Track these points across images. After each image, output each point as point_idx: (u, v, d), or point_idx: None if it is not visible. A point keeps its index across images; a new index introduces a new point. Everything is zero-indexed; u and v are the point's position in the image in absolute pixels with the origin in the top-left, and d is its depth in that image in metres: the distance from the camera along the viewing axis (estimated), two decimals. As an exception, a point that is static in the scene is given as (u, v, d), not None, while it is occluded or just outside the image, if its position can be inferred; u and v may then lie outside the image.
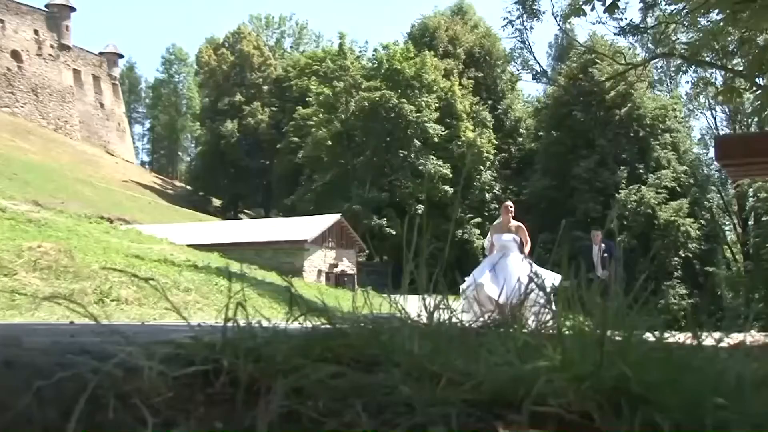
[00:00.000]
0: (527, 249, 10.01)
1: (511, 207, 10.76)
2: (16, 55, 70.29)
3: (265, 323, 1.28)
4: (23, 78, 70.61)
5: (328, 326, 1.33)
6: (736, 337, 1.38)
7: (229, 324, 1.25)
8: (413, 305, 1.55)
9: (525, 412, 0.95)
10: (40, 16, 73.88)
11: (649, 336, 1.22)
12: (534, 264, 9.38)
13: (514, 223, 10.43)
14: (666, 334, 1.26)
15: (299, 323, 1.37)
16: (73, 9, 76.85)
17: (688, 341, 1.29)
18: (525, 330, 1.40)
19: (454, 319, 1.40)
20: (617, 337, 1.15)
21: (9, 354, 1.00)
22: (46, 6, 74.88)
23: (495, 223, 10.94)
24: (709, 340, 1.33)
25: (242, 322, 1.27)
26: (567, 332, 1.14)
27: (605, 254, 13.21)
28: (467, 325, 1.48)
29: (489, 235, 10.71)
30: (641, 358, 1.04)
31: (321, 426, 1.00)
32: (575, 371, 0.99)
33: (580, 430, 0.96)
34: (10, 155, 54.01)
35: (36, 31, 72.81)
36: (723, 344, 1.32)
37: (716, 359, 1.16)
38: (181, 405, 1.03)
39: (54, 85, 73.61)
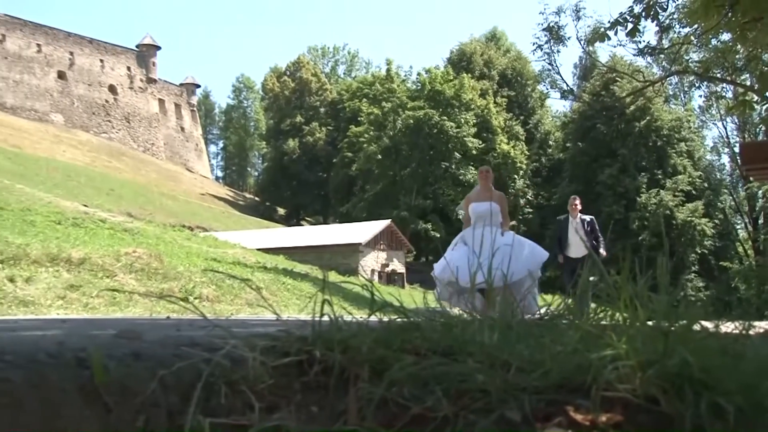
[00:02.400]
0: (506, 224, 7.87)
1: (488, 172, 8.27)
2: (112, 88, 72.27)
3: (347, 318, 1.28)
4: (118, 108, 72.45)
5: (403, 320, 1.31)
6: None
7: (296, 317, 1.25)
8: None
9: (596, 398, 0.92)
10: (132, 55, 75.79)
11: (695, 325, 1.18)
12: (515, 235, 7.30)
13: (495, 191, 8.09)
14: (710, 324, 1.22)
15: (376, 317, 1.36)
16: (158, 47, 78.62)
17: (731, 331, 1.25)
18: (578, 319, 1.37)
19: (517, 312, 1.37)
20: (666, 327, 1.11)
21: (135, 347, 1.00)
22: (137, 46, 76.78)
23: (472, 192, 8.37)
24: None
25: (324, 318, 1.26)
26: (628, 322, 1.11)
27: (588, 228, 10.24)
28: (527, 317, 1.45)
29: (462, 204, 8.22)
30: (700, 346, 1.01)
31: (406, 410, 0.99)
32: (640, 359, 0.95)
33: (647, 414, 0.93)
34: (108, 174, 55.43)
35: (128, 68, 74.73)
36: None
37: (766, 346, 1.12)
38: (281, 392, 1.03)
39: (143, 113, 75.33)
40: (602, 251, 9.92)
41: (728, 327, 1.26)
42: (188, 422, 0.89)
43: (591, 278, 1.45)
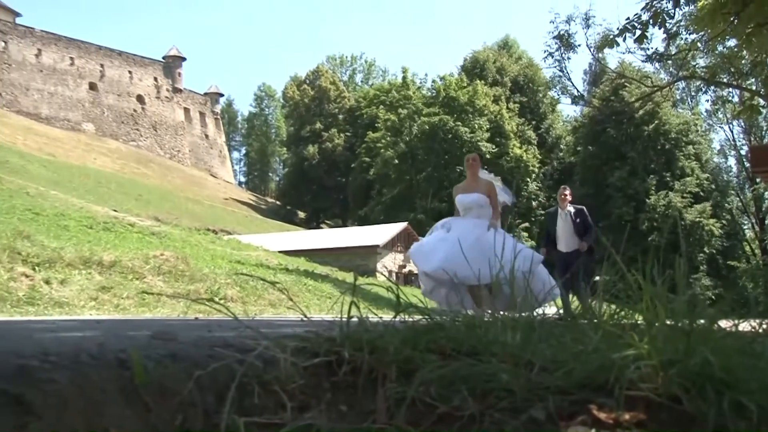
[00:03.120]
0: (496, 214, 6.78)
1: (474, 160, 7.19)
2: (140, 98, 72.90)
3: (373, 319, 1.27)
4: (145, 117, 73.06)
5: (427, 321, 1.30)
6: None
7: (320, 317, 1.25)
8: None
9: (620, 397, 0.91)
10: (159, 66, 76.40)
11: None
12: (506, 234, 6.21)
13: (484, 179, 7.02)
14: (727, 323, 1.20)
15: (401, 318, 1.35)
16: (184, 59, 79.13)
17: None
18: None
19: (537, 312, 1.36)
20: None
21: (171, 348, 1.01)
22: (163, 57, 77.36)
23: (462, 182, 7.32)
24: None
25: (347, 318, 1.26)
26: (651, 322, 1.09)
27: (578, 220, 9.02)
28: (545, 316, 1.44)
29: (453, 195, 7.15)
30: (720, 346, 0.99)
31: (433, 409, 0.98)
32: (662, 358, 0.94)
33: (669, 412, 0.91)
34: (136, 180, 55.87)
35: (155, 79, 75.32)
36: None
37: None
38: (311, 391, 1.03)
39: (169, 121, 75.88)
40: (584, 243, 8.88)
41: (740, 326, 1.24)
42: (224, 421, 0.89)
43: (604, 278, 1.44)
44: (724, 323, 1.17)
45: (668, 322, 1.09)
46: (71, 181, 41.07)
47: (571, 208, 9.19)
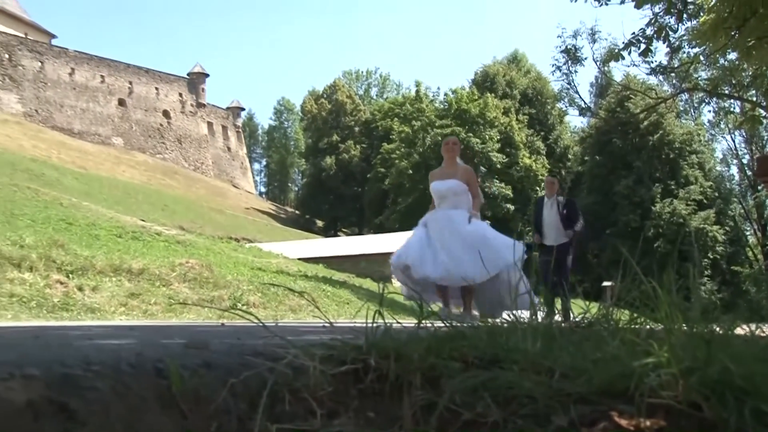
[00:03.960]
0: (477, 204, 6.08)
1: (454, 144, 6.31)
2: (166, 113, 73.48)
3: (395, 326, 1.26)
4: (171, 131, 73.62)
5: (449, 328, 1.29)
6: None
7: (339, 323, 1.24)
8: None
9: (643, 404, 0.89)
10: (183, 82, 77.02)
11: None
12: (486, 224, 5.92)
13: (461, 165, 6.20)
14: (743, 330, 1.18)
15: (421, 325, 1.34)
16: (207, 75, 79.67)
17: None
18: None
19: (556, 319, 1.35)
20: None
21: (204, 356, 1.00)
22: (188, 74, 78.01)
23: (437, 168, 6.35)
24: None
25: (370, 326, 1.25)
26: (671, 329, 1.07)
27: (565, 211, 8.32)
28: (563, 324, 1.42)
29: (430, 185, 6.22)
30: (738, 352, 0.97)
31: (458, 416, 0.97)
32: (682, 366, 0.92)
33: (689, 419, 0.89)
34: (162, 191, 56.22)
35: (180, 94, 75.88)
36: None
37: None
38: (339, 398, 1.02)
39: (193, 135, 76.38)
40: (570, 231, 8.25)
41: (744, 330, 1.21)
42: (256, 428, 0.89)
43: (609, 283, 1.42)
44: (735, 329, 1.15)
45: (684, 328, 1.08)
46: (101, 193, 41.39)
47: (560, 198, 8.65)
